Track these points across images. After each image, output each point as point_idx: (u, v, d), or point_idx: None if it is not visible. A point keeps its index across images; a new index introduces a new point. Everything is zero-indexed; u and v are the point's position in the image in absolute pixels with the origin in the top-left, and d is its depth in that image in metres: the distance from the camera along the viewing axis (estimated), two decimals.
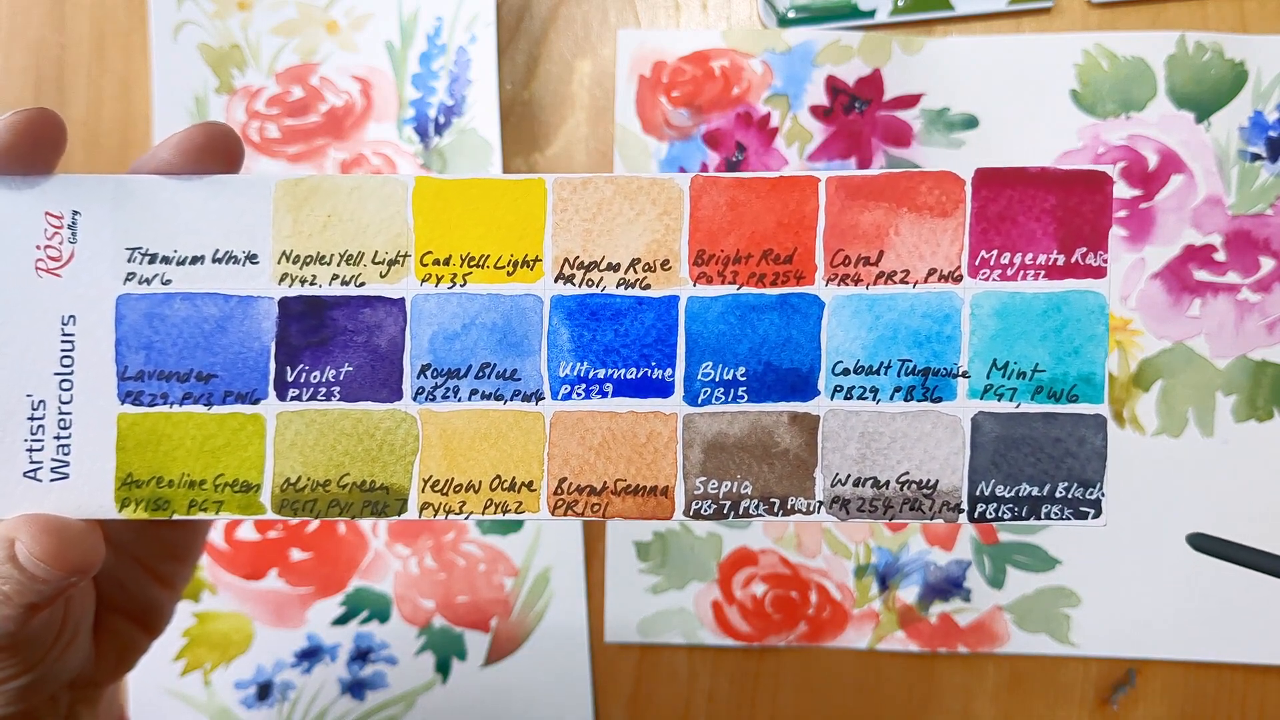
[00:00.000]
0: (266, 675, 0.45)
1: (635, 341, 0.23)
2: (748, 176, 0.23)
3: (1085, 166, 0.23)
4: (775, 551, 0.44)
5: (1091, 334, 0.23)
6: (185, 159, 0.23)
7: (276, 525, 0.44)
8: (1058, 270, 0.23)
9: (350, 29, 0.45)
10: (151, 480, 0.23)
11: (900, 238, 0.23)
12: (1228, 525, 0.43)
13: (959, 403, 0.23)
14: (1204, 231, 0.43)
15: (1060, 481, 0.23)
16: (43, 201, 0.23)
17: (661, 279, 0.23)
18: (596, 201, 0.23)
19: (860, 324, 0.23)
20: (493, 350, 0.23)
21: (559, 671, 0.44)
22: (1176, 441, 0.43)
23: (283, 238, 0.23)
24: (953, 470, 0.23)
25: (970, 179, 0.23)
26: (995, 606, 0.43)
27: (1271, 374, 0.43)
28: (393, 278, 0.23)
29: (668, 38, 0.45)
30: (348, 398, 0.23)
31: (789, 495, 0.23)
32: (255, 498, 0.23)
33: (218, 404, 0.23)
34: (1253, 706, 0.43)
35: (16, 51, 0.46)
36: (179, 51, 0.45)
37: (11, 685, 0.25)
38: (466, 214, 0.23)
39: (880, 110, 0.44)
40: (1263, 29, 0.43)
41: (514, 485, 0.23)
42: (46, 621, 0.25)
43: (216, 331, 0.23)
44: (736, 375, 0.23)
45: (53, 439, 0.23)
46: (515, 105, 0.45)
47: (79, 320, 0.23)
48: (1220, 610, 0.42)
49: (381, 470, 0.23)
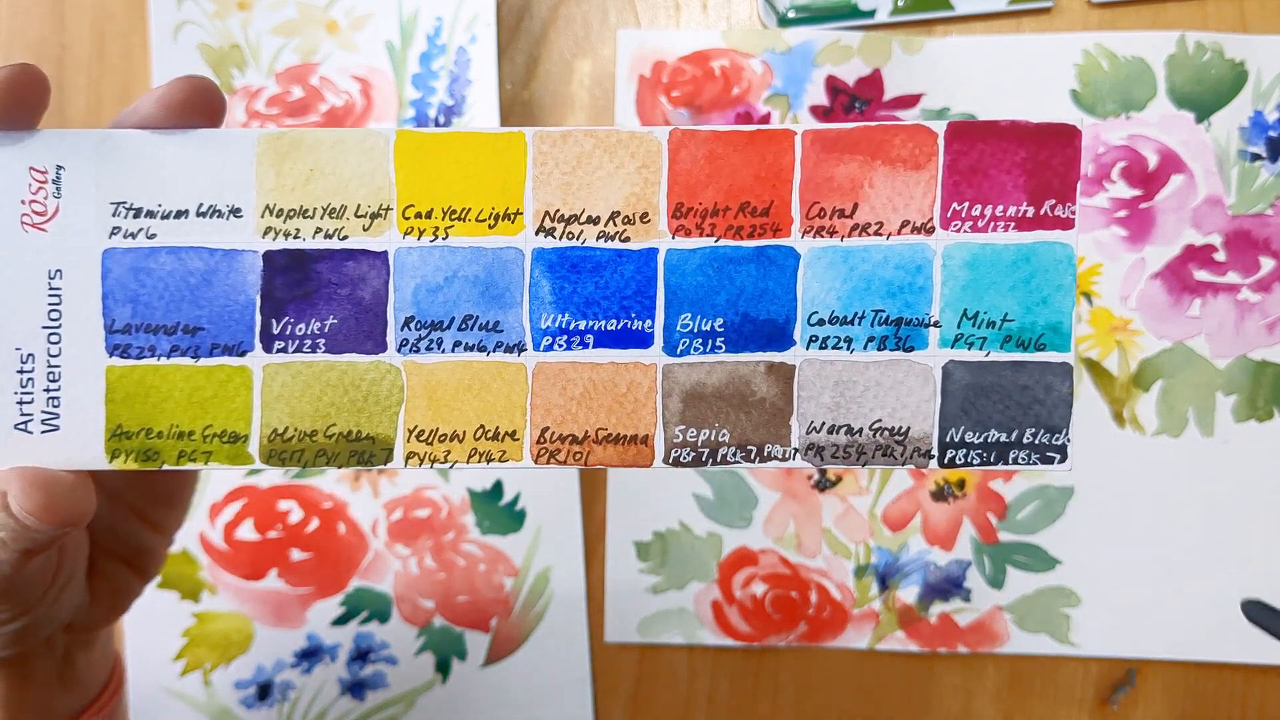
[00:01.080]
0: (266, 675, 0.45)
1: (615, 293, 0.24)
2: (725, 130, 0.23)
3: (1054, 120, 0.23)
4: (775, 551, 0.44)
5: (1059, 284, 0.23)
6: (168, 113, 0.23)
7: (276, 525, 0.44)
8: (1027, 222, 0.23)
9: (350, 29, 0.45)
10: (140, 431, 0.23)
11: (874, 190, 0.23)
12: (1228, 525, 0.43)
13: (930, 351, 0.23)
14: (1204, 231, 0.43)
15: (1028, 428, 0.23)
16: (27, 157, 0.23)
17: (641, 232, 0.23)
18: (576, 155, 0.23)
19: (835, 275, 0.23)
20: (475, 302, 0.24)
21: (559, 671, 0.44)
22: (1176, 441, 0.43)
23: (266, 191, 0.23)
24: (924, 417, 0.23)
25: (943, 132, 0.23)
26: (995, 606, 0.43)
27: (1271, 374, 0.43)
28: (375, 231, 0.23)
29: (668, 38, 0.45)
30: (333, 349, 0.24)
31: (766, 443, 0.24)
32: (244, 448, 0.24)
33: (205, 356, 0.24)
34: (1253, 706, 0.43)
35: (16, 51, 0.46)
36: (179, 51, 0.45)
37: (7, 629, 0.25)
38: (448, 168, 0.23)
39: (880, 110, 0.44)
40: (1263, 29, 0.43)
41: (498, 435, 0.24)
42: (41, 567, 0.25)
43: (202, 285, 0.23)
44: (714, 326, 0.24)
45: (42, 391, 0.23)
46: (515, 105, 0.45)
47: (65, 274, 0.23)
48: (1220, 610, 0.42)
49: (367, 421, 0.24)
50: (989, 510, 0.43)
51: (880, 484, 0.44)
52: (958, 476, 0.43)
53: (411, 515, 0.45)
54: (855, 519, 0.44)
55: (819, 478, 0.44)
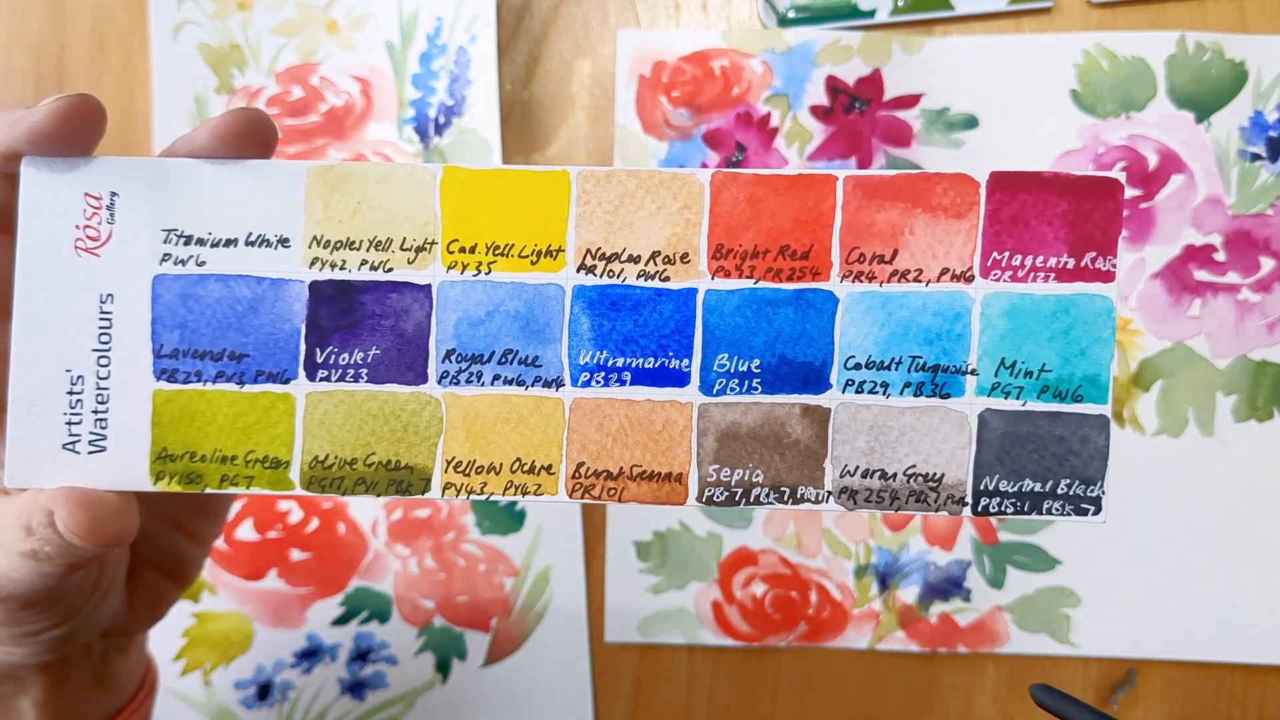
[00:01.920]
0: (266, 675, 0.45)
1: (654, 332, 0.24)
2: (767, 173, 0.24)
3: (1097, 173, 0.23)
4: (775, 551, 0.44)
5: (1098, 336, 0.23)
6: (221, 143, 0.24)
7: (276, 525, 0.44)
8: (1067, 273, 0.23)
9: (350, 29, 0.45)
10: (185, 455, 0.24)
11: (915, 237, 0.23)
12: (1228, 525, 0.43)
13: (967, 399, 0.23)
14: (1204, 231, 0.43)
15: (1063, 478, 0.23)
16: (83, 183, 0.24)
17: (681, 271, 0.24)
18: (619, 194, 0.24)
19: (873, 320, 0.24)
20: (515, 337, 0.24)
21: (559, 671, 0.44)
22: (1176, 441, 0.43)
23: (314, 222, 0.24)
24: (958, 464, 0.23)
25: (985, 182, 0.23)
26: (995, 606, 0.43)
27: (1271, 374, 0.43)
28: (420, 264, 0.24)
29: (668, 38, 0.45)
30: (375, 379, 0.24)
31: (799, 484, 0.24)
32: (285, 474, 0.24)
33: (249, 383, 0.24)
34: (1253, 706, 0.43)
35: (16, 52, 0.46)
36: (179, 51, 0.45)
37: (50, 635, 0.26)
38: (492, 204, 0.24)
39: (880, 110, 0.44)
40: (1263, 29, 0.43)
41: (534, 468, 0.24)
42: (83, 578, 0.26)
43: (249, 312, 0.24)
44: (751, 367, 0.24)
45: (90, 413, 0.24)
46: (515, 105, 0.45)
47: (116, 299, 0.24)
48: (1220, 610, 0.42)
49: (406, 450, 0.24)
50: None
51: None
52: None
53: (411, 515, 0.45)
54: (855, 519, 0.44)
55: None
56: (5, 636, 0.25)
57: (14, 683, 0.28)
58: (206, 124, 0.24)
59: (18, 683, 0.28)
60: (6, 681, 0.27)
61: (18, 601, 0.24)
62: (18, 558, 0.23)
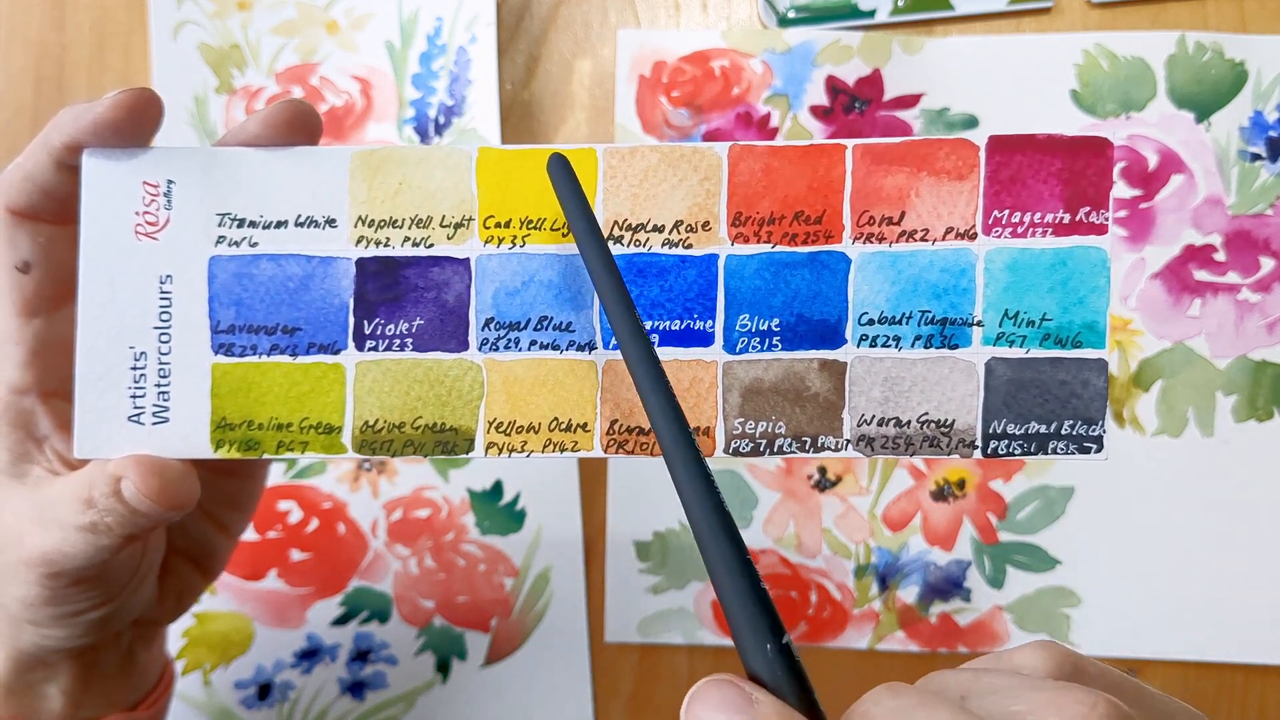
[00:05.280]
0: (266, 675, 0.45)
1: (679, 296, 0.25)
2: (781, 145, 0.25)
3: (1088, 133, 0.25)
4: (775, 551, 0.44)
5: (1094, 285, 0.25)
6: (271, 132, 0.25)
7: (276, 525, 0.44)
8: (1064, 228, 0.25)
9: (350, 29, 0.45)
10: (243, 423, 0.25)
11: (920, 199, 0.25)
12: (1228, 525, 0.43)
13: (974, 349, 0.25)
14: (1204, 231, 0.43)
15: (1066, 419, 0.25)
16: (141, 171, 0.25)
17: (702, 239, 0.25)
18: (643, 169, 0.25)
19: (884, 278, 0.25)
20: (550, 305, 0.25)
21: (559, 671, 0.44)
22: (1176, 441, 0.43)
23: (359, 204, 0.25)
24: (968, 410, 0.25)
25: (984, 145, 0.25)
26: (995, 606, 0.43)
27: (1271, 374, 0.43)
28: (459, 239, 0.25)
29: (668, 38, 0.45)
30: (419, 348, 0.26)
31: (820, 434, 0.25)
32: (337, 439, 0.26)
33: (302, 354, 0.26)
34: (1253, 706, 0.43)
35: (16, 51, 0.46)
36: (179, 51, 0.45)
37: (90, 616, 0.27)
38: (525, 181, 0.25)
39: (880, 110, 0.44)
40: (1263, 29, 0.43)
41: (570, 426, 0.25)
42: (128, 556, 0.27)
43: (300, 289, 0.26)
44: (771, 326, 0.25)
45: (153, 386, 0.25)
46: (515, 105, 0.45)
47: (175, 279, 0.25)
48: (1220, 610, 0.42)
49: (451, 414, 0.25)
50: (989, 510, 0.43)
51: (880, 484, 0.44)
52: (958, 476, 0.43)
53: (411, 515, 0.45)
54: (855, 519, 0.44)
55: (819, 478, 0.44)
56: (46, 618, 0.26)
57: (45, 669, 0.28)
58: (257, 114, 0.25)
59: (49, 669, 0.28)
60: (38, 668, 0.28)
61: (69, 578, 0.25)
62: (74, 532, 0.24)
